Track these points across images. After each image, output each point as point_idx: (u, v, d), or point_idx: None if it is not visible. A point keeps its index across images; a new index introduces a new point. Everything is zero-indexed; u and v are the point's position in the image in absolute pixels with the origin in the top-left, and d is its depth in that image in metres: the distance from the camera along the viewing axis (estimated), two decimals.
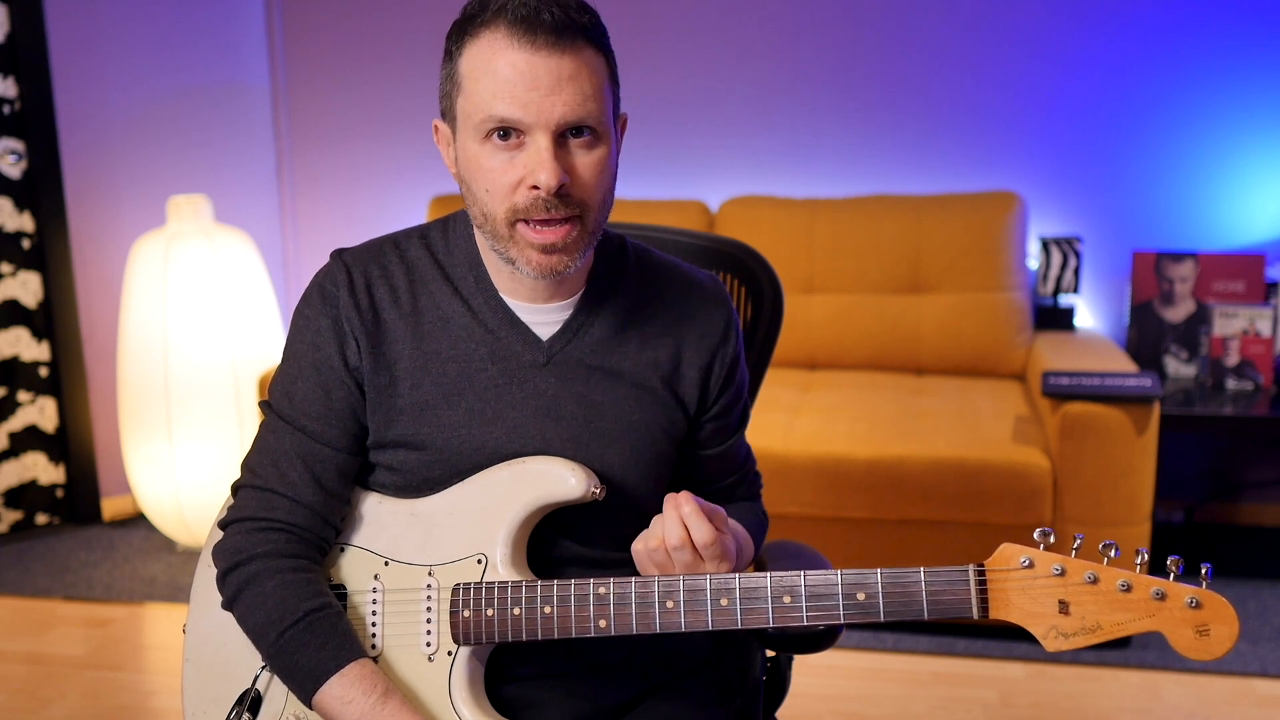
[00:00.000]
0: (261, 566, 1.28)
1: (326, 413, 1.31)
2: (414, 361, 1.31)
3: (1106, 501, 2.78)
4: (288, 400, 1.32)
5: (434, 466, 1.32)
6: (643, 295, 1.37)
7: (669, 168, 3.85)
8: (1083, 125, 3.60)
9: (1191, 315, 3.44)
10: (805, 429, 2.99)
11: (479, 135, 1.21)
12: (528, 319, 1.33)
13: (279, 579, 1.27)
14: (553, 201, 1.19)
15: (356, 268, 1.33)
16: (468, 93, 1.22)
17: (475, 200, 1.25)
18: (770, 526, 1.56)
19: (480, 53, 1.20)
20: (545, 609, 1.25)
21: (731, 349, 1.39)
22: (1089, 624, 1.12)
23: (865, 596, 1.18)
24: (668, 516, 1.24)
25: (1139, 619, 1.11)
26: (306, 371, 1.32)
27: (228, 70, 3.99)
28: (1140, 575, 1.12)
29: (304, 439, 1.31)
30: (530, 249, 1.22)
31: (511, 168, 1.20)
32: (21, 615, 3.14)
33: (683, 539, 1.22)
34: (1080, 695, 2.64)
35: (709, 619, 1.21)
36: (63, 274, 3.62)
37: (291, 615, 1.25)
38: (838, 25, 3.70)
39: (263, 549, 1.28)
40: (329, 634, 1.25)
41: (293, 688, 1.27)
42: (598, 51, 1.22)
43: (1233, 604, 1.13)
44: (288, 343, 1.35)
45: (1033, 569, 1.14)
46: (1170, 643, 1.12)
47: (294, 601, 1.26)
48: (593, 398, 1.33)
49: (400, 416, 1.31)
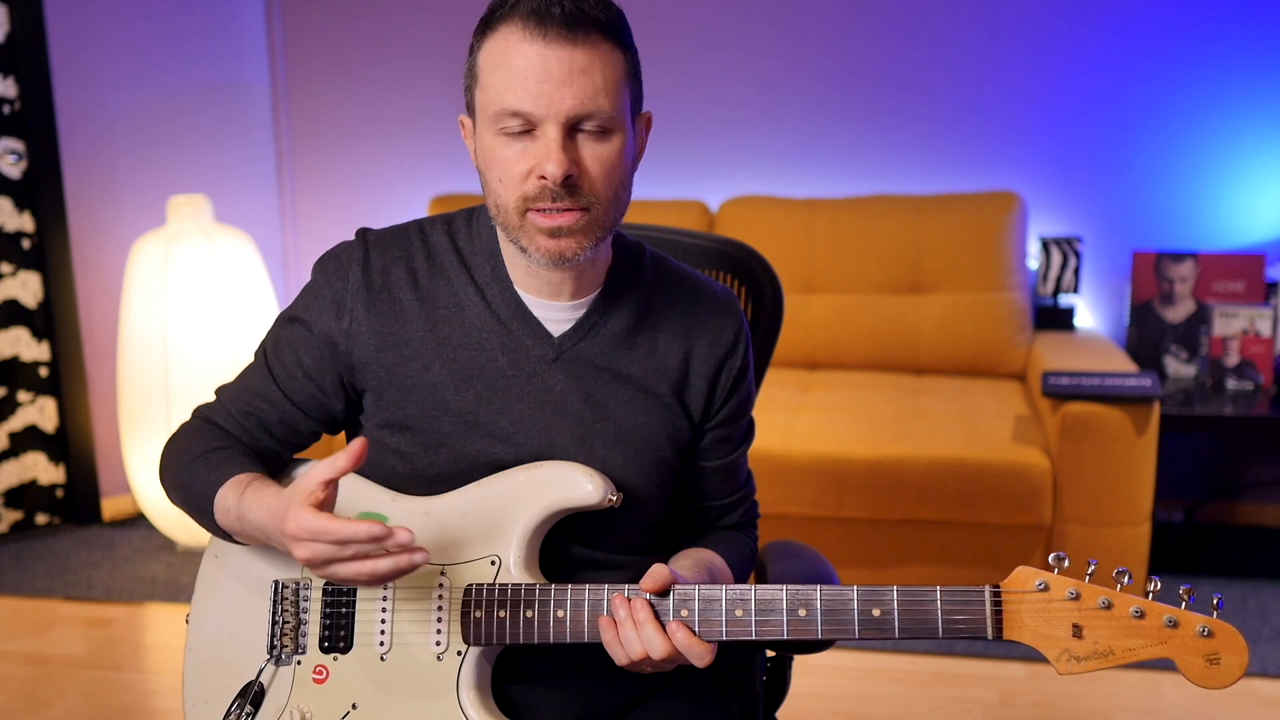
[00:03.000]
0: (181, 429, 1.42)
1: (295, 369, 1.37)
2: (426, 344, 1.33)
3: (1106, 501, 2.78)
4: (272, 342, 1.40)
5: (440, 451, 1.33)
6: (656, 301, 1.38)
7: (669, 168, 3.85)
8: (1083, 125, 3.60)
9: (1191, 315, 3.44)
10: (805, 429, 2.99)
11: (493, 127, 1.23)
12: (541, 314, 1.34)
13: (190, 434, 1.40)
14: (559, 192, 1.21)
15: (377, 247, 1.36)
16: (483, 85, 1.24)
17: (490, 191, 1.26)
18: (770, 526, 1.57)
19: (496, 46, 1.22)
20: (559, 613, 1.25)
21: (740, 360, 1.40)
22: (1101, 649, 1.14)
23: (881, 613, 1.19)
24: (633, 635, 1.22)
25: (1151, 645, 1.13)
26: (295, 326, 1.38)
27: (228, 70, 3.99)
28: (1153, 603, 1.14)
29: (269, 381, 1.38)
30: (539, 234, 1.23)
31: (523, 158, 1.22)
32: (21, 615, 3.14)
33: (642, 654, 1.21)
34: (1080, 695, 2.64)
35: (724, 629, 1.22)
36: (63, 274, 3.62)
37: (194, 452, 1.35)
38: (838, 25, 3.70)
39: (184, 425, 1.42)
40: (222, 464, 1.33)
41: (203, 523, 1.34)
42: (615, 46, 1.23)
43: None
44: (300, 292, 1.40)
45: (1048, 592, 1.15)
46: (1181, 670, 1.13)
47: (199, 445, 1.36)
48: (599, 398, 1.34)
49: (409, 396, 1.33)
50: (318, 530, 1.15)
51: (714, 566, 1.37)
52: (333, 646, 1.33)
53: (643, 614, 1.21)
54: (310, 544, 1.17)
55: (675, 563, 1.37)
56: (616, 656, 1.22)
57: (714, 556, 1.40)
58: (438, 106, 4.00)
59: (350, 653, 1.32)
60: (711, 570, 1.36)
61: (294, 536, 1.17)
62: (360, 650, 1.32)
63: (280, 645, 1.34)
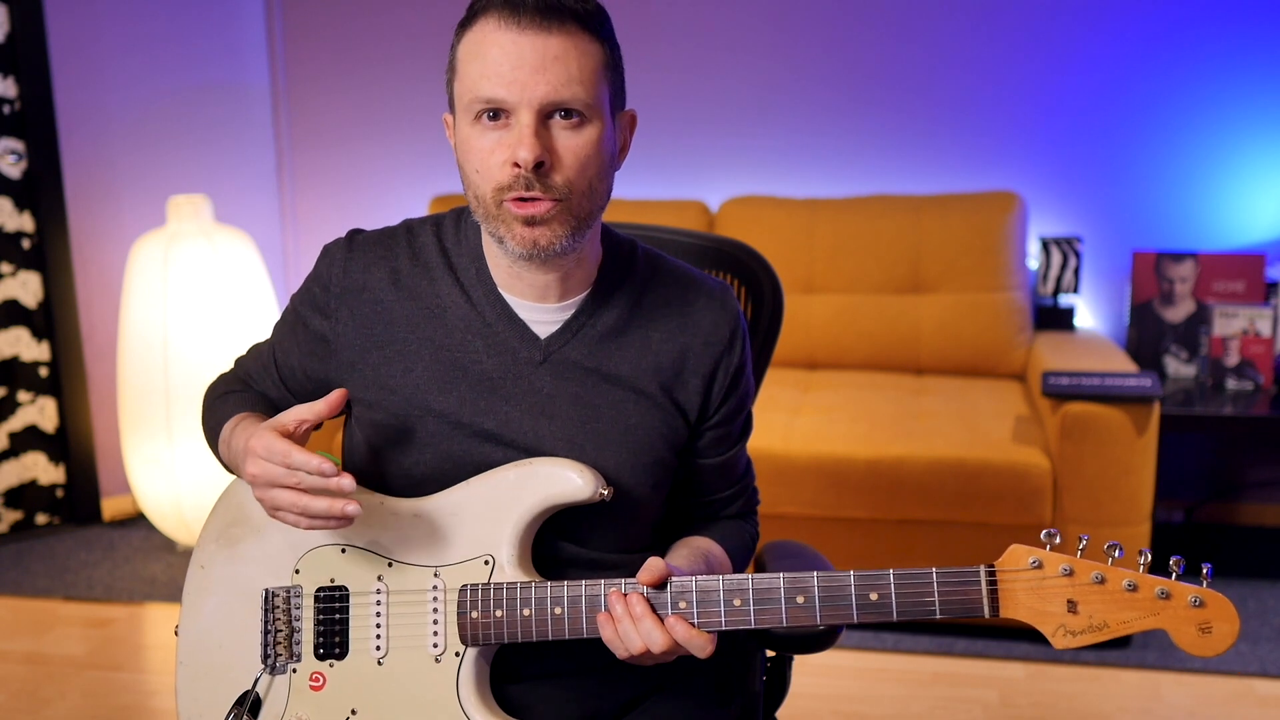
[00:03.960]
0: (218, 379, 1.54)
1: (294, 360, 1.43)
2: (409, 345, 1.33)
3: (1106, 501, 2.78)
4: (281, 322, 1.47)
5: (425, 451, 1.32)
6: (649, 299, 1.37)
7: (669, 168, 3.85)
8: (1083, 125, 3.60)
9: (1191, 315, 3.44)
10: (805, 429, 2.99)
11: (470, 117, 1.24)
12: (527, 316, 1.33)
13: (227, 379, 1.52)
14: (531, 179, 1.21)
15: (361, 248, 1.37)
16: (460, 76, 1.25)
17: (469, 183, 1.27)
18: (770, 526, 1.56)
19: (473, 38, 1.23)
20: (555, 610, 1.25)
21: (737, 358, 1.39)
22: (1096, 622, 1.15)
23: (878, 596, 1.19)
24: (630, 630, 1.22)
25: (1144, 617, 1.15)
26: (295, 316, 1.43)
27: (228, 70, 3.99)
28: (1145, 575, 1.15)
29: (271, 364, 1.47)
30: (515, 223, 1.23)
31: (498, 147, 1.22)
32: (21, 615, 3.14)
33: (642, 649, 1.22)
34: (1080, 695, 2.64)
35: (722, 619, 1.22)
36: (63, 274, 3.62)
37: (219, 390, 1.49)
38: (838, 25, 3.70)
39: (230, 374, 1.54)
40: (237, 404, 1.44)
41: (219, 459, 1.44)
42: (592, 38, 1.23)
43: (1233, 603, 1.16)
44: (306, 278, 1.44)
45: (1041, 569, 1.16)
46: (1174, 639, 1.15)
47: (224, 386, 1.50)
48: (589, 399, 1.33)
49: (393, 397, 1.33)
50: (274, 450, 1.21)
51: (711, 554, 1.37)
52: (328, 653, 1.32)
53: (639, 609, 1.21)
54: (263, 462, 1.23)
55: (672, 553, 1.37)
56: (617, 651, 1.23)
57: (711, 544, 1.40)
58: (438, 106, 4.00)
59: (346, 659, 1.32)
60: (709, 558, 1.35)
61: (251, 451, 1.24)
62: (356, 656, 1.31)
63: (274, 654, 1.33)
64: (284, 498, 1.22)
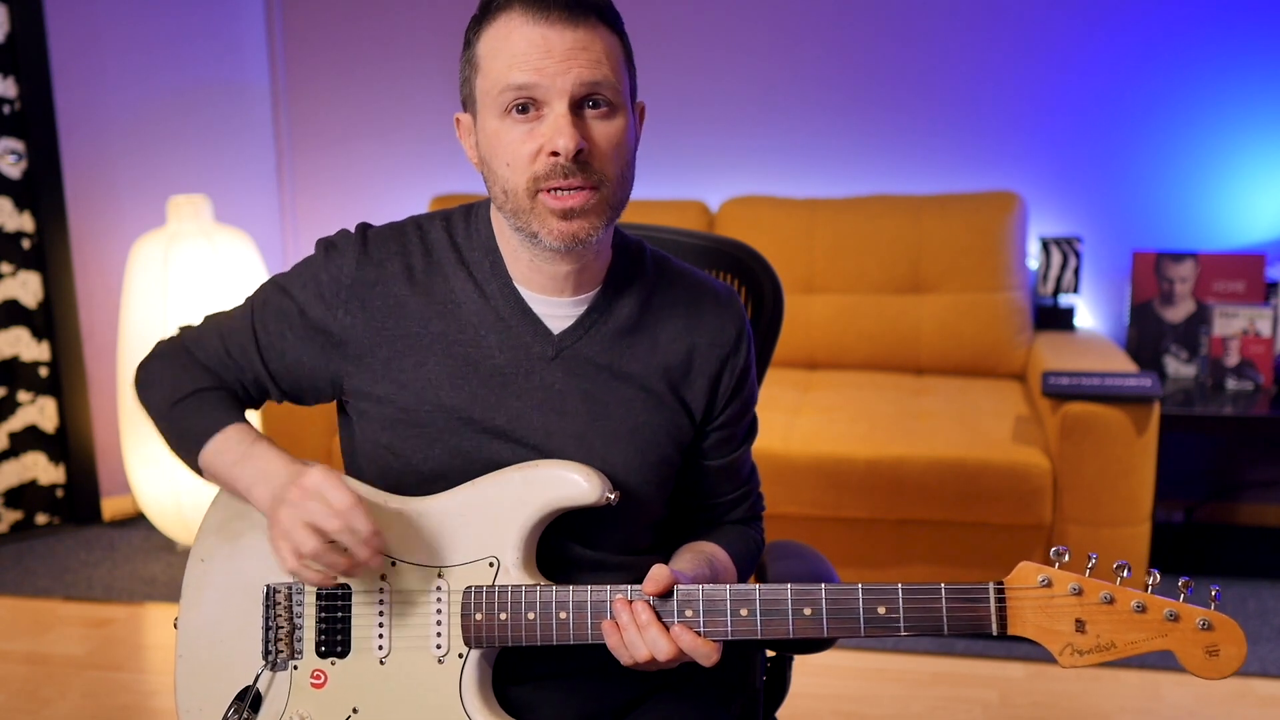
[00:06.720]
0: (165, 350, 1.42)
1: (279, 342, 1.37)
2: (421, 340, 1.33)
3: (1106, 501, 2.78)
4: (261, 304, 1.39)
5: (434, 446, 1.32)
6: (657, 300, 1.37)
7: (669, 168, 3.85)
8: (1083, 125, 3.60)
9: (1191, 315, 3.44)
10: (805, 429, 2.99)
11: (498, 110, 1.23)
12: (540, 311, 1.33)
13: (178, 363, 1.40)
14: (571, 168, 1.21)
15: (373, 242, 1.36)
16: (485, 71, 1.25)
17: (497, 178, 1.26)
18: (770, 526, 1.56)
19: (496, 33, 1.23)
20: (560, 614, 1.25)
21: (742, 359, 1.39)
22: (1104, 642, 1.15)
23: (886, 611, 1.19)
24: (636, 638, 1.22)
25: (1152, 638, 1.14)
26: (286, 299, 1.37)
27: (228, 70, 3.99)
28: (1154, 596, 1.15)
29: (251, 342, 1.38)
30: (551, 216, 1.23)
31: (531, 138, 1.22)
32: (21, 615, 3.14)
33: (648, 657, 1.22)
34: (1080, 695, 2.64)
35: (729, 629, 1.21)
36: (63, 274, 3.62)
37: (183, 390, 1.37)
38: (838, 25, 3.70)
39: (168, 346, 1.43)
40: (214, 407, 1.36)
41: (181, 454, 1.36)
42: (612, 31, 1.25)
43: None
44: (298, 264, 1.39)
45: (1050, 588, 1.16)
46: (1181, 662, 1.15)
47: (188, 382, 1.38)
48: (599, 396, 1.33)
49: (403, 391, 1.32)
50: (331, 495, 1.19)
51: (715, 561, 1.37)
52: (330, 651, 1.32)
53: (645, 616, 1.20)
54: (310, 503, 1.20)
55: (676, 559, 1.37)
56: (621, 658, 1.22)
57: (716, 549, 1.39)
58: (438, 106, 4.00)
59: (348, 657, 1.31)
60: (713, 564, 1.35)
61: (303, 485, 1.21)
62: (359, 655, 1.31)
63: (276, 650, 1.33)
64: (312, 544, 1.20)
